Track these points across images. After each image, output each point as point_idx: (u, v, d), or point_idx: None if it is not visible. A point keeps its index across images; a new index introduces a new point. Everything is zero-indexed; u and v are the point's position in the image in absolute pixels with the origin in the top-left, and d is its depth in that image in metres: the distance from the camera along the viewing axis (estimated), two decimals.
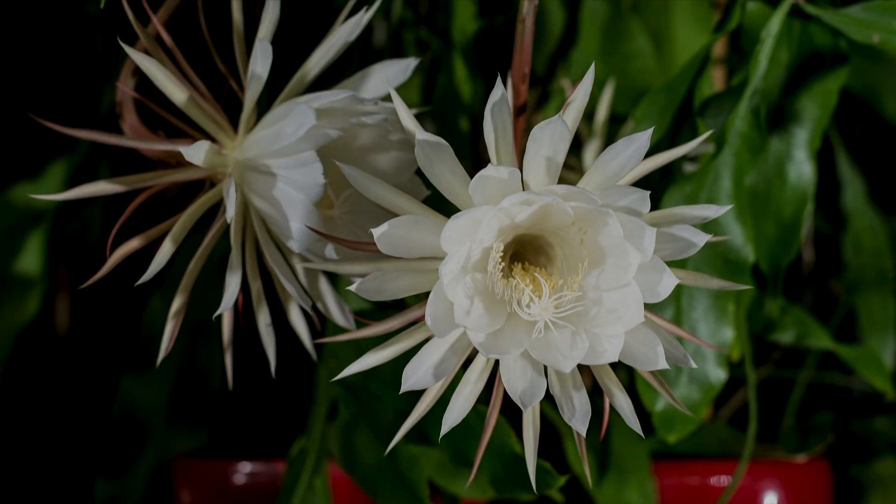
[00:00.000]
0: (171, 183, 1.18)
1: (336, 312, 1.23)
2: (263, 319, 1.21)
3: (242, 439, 2.00)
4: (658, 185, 1.53)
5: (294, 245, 1.13)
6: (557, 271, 1.05)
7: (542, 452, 1.04)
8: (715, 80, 1.85)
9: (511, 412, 1.28)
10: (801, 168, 1.56)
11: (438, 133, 1.08)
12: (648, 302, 0.98)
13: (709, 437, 1.81)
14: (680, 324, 1.49)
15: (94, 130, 1.15)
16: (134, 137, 1.22)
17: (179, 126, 1.21)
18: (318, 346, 1.47)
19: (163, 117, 1.21)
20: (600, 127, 1.66)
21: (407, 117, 1.04)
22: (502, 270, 1.01)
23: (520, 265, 1.05)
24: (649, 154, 1.44)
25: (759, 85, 1.44)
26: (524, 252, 1.09)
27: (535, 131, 0.98)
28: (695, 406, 1.49)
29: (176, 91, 1.17)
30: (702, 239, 0.98)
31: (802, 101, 1.54)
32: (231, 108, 1.22)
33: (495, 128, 1.01)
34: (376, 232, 0.96)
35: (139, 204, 1.16)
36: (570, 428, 1.64)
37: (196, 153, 1.12)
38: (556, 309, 0.99)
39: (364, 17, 1.15)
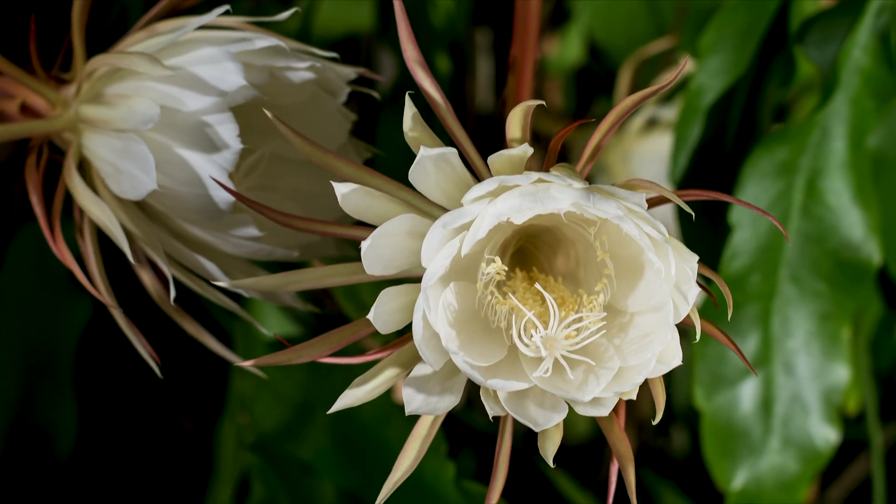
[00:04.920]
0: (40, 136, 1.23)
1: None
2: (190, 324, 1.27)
3: None
4: (732, 149, 1.56)
5: (212, 224, 1.20)
6: (583, 281, 1.09)
7: None
8: None
9: (514, 491, 1.29)
10: None
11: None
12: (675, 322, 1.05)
13: None
14: (769, 357, 1.51)
15: None
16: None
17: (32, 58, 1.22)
18: (216, 399, 1.46)
19: None
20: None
21: (414, 122, 1.07)
22: (498, 288, 1.05)
23: (525, 273, 1.08)
24: (726, 102, 1.50)
25: None
26: (534, 250, 1.11)
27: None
28: (792, 482, 1.51)
29: None
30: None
31: None
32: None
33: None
34: (364, 245, 1.01)
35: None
36: None
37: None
38: (571, 340, 1.04)
39: None
